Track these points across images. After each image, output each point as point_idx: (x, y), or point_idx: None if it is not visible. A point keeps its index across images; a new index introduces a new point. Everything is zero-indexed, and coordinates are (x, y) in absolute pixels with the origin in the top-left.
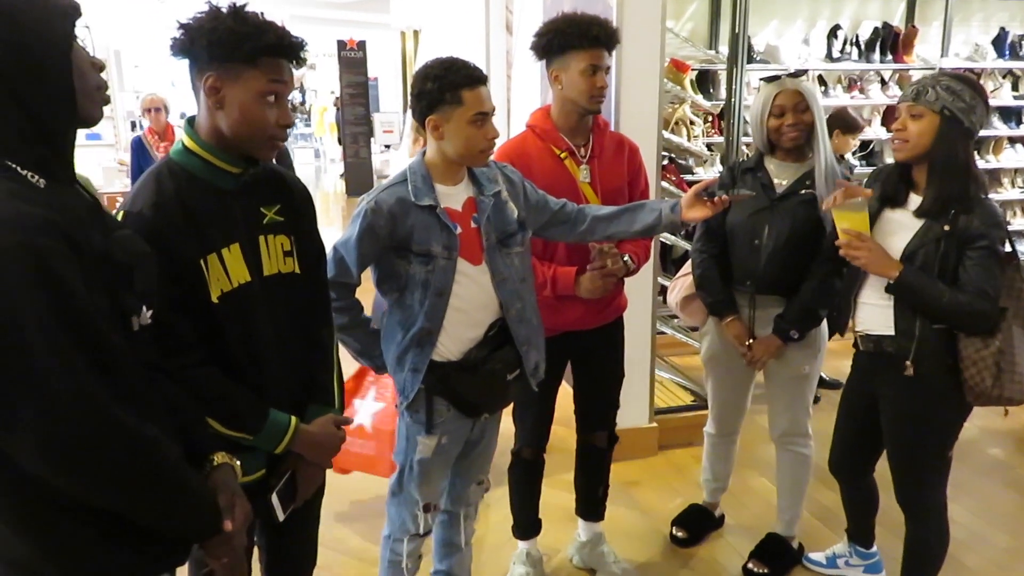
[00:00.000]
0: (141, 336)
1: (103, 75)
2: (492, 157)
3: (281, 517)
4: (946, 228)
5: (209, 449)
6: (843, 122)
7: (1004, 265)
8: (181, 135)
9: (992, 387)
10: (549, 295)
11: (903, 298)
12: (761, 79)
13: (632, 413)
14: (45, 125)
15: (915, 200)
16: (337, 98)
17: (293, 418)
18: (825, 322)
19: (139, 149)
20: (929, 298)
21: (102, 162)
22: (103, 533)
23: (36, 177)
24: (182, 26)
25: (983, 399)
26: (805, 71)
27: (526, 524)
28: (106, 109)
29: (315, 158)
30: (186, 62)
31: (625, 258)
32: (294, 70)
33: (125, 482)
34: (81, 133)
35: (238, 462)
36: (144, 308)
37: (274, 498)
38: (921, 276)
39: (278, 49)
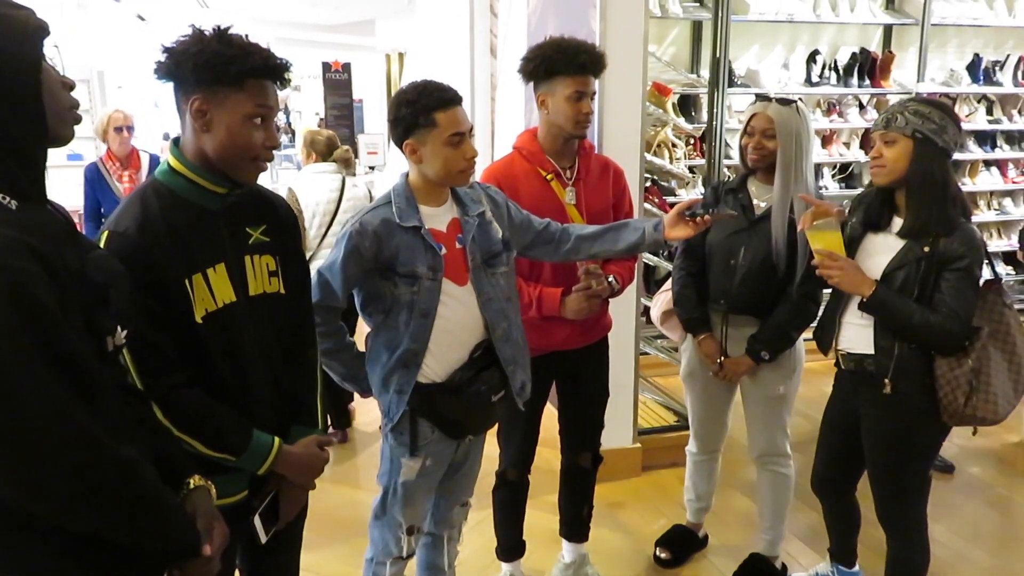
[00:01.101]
0: (115, 356)
1: (74, 94)
2: (479, 178)
3: (264, 539)
4: (926, 250)
5: (185, 472)
6: None
7: (985, 289)
8: (165, 157)
9: (964, 406)
10: (535, 315)
11: (876, 315)
12: (756, 95)
13: (616, 433)
14: (15, 146)
15: (898, 223)
16: (321, 119)
17: (276, 439)
18: (801, 343)
19: (95, 179)
20: (900, 316)
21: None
22: (74, 558)
23: (8, 199)
24: (167, 50)
25: (956, 418)
26: (794, 100)
27: (510, 546)
28: (89, 130)
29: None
30: (171, 84)
31: (610, 279)
32: (279, 91)
33: (103, 503)
34: (62, 154)
35: (213, 486)
36: (119, 328)
37: (256, 520)
38: (893, 295)
39: (264, 71)
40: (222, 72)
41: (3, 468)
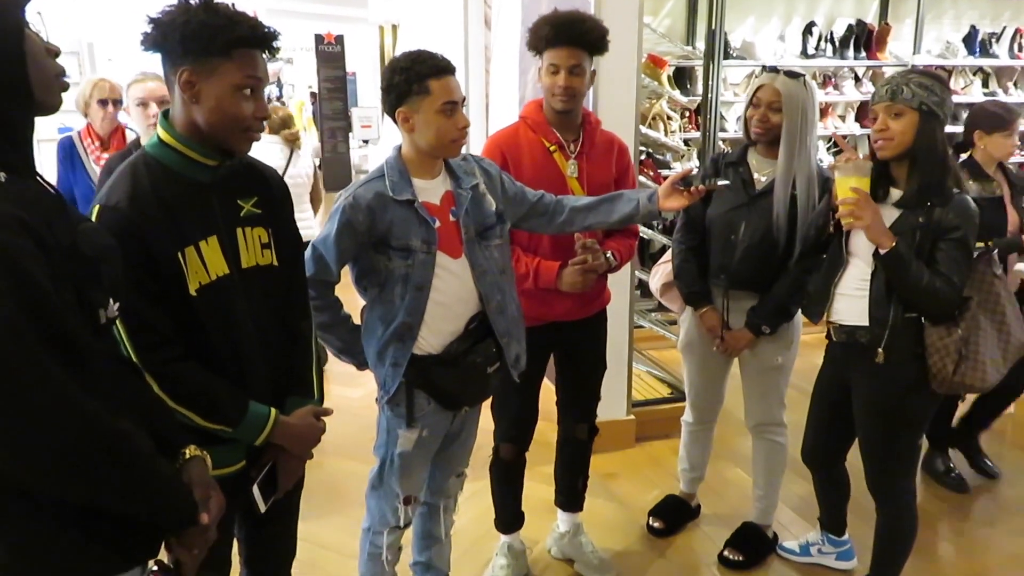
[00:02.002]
0: (108, 329)
1: (64, 66)
2: (482, 147)
3: (263, 508)
4: (921, 220)
5: (180, 443)
6: (985, 119)
7: (976, 259)
8: (156, 130)
9: (953, 374)
10: (531, 287)
11: (891, 270)
12: (763, 67)
13: (610, 406)
14: (11, 112)
15: (895, 195)
16: (312, 92)
17: (273, 410)
18: (800, 315)
19: (68, 155)
20: (913, 274)
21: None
22: (72, 529)
23: None
24: (152, 20)
25: (945, 385)
26: (802, 74)
27: (508, 518)
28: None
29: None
30: (159, 56)
31: (608, 254)
32: (268, 62)
33: (101, 476)
34: (51, 127)
35: (208, 455)
36: (111, 301)
37: (255, 490)
38: (911, 252)
39: (251, 40)
40: (209, 42)
41: (1, 441)
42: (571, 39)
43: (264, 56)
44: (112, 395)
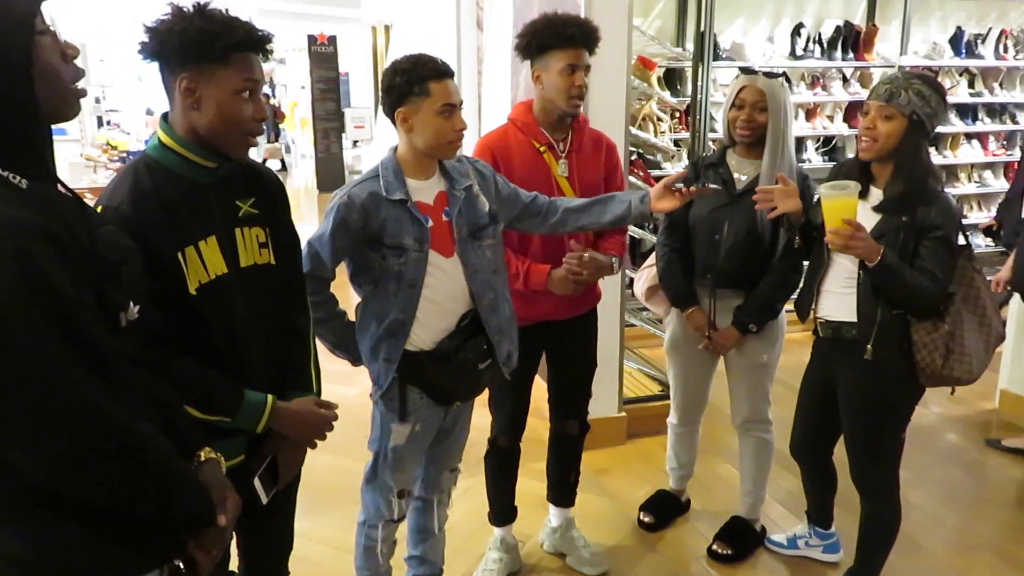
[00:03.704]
0: (128, 332)
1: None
2: (473, 149)
3: (265, 500)
4: (904, 219)
5: (196, 445)
6: None
7: (957, 254)
8: (157, 133)
9: (942, 368)
10: (521, 288)
11: (881, 279)
12: (740, 68)
13: (602, 403)
14: (19, 124)
15: (875, 193)
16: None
17: (270, 396)
18: (784, 313)
19: None
20: (902, 279)
21: (68, 157)
22: (94, 530)
23: (18, 178)
24: (149, 30)
25: (934, 380)
26: (782, 73)
27: (501, 511)
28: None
29: (285, 152)
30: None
31: (613, 259)
32: (263, 64)
33: (122, 479)
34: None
35: (223, 457)
36: (131, 304)
37: (256, 482)
38: (897, 259)
39: (248, 44)
40: (208, 49)
41: (25, 447)
42: (578, 39)
43: (260, 58)
44: (134, 399)
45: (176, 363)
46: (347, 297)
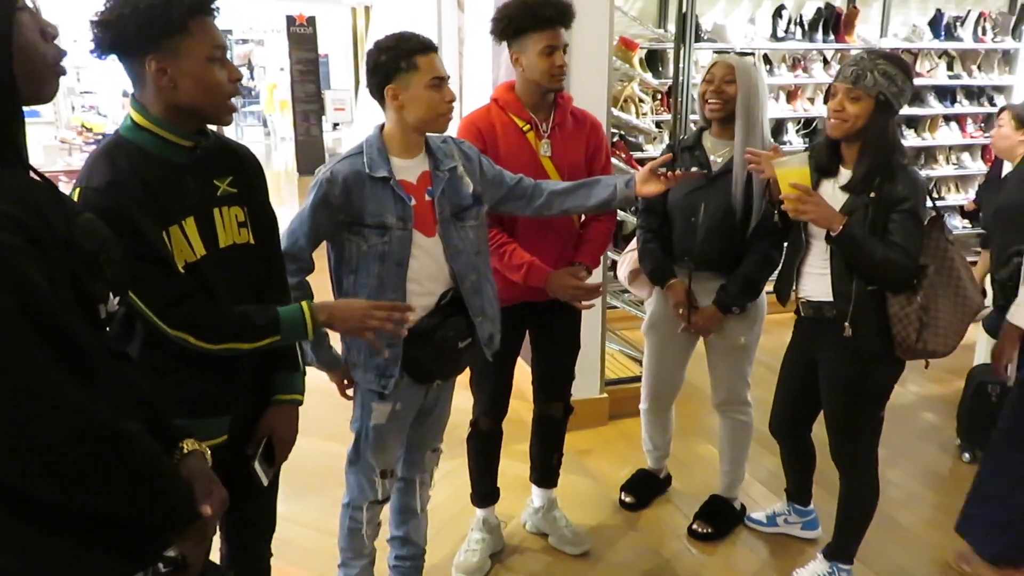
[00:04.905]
0: (108, 324)
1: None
2: (456, 129)
3: (265, 482)
4: (872, 195)
5: (177, 436)
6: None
7: (929, 226)
8: (129, 113)
9: (917, 341)
10: (520, 280)
11: (844, 249)
12: (715, 52)
13: (584, 384)
14: None
15: (844, 173)
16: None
17: (302, 303)
18: (764, 295)
19: None
20: (867, 250)
21: (43, 140)
22: (77, 536)
23: None
24: (99, 23)
25: (910, 353)
26: (752, 53)
27: (484, 492)
28: None
29: (265, 137)
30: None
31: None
32: (239, 44)
33: (107, 480)
34: None
35: (208, 449)
36: (111, 295)
37: (256, 465)
38: (861, 229)
39: (202, 6)
40: (166, 20)
41: (5, 453)
42: (555, 19)
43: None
44: (116, 395)
45: (207, 312)
46: (322, 286)
